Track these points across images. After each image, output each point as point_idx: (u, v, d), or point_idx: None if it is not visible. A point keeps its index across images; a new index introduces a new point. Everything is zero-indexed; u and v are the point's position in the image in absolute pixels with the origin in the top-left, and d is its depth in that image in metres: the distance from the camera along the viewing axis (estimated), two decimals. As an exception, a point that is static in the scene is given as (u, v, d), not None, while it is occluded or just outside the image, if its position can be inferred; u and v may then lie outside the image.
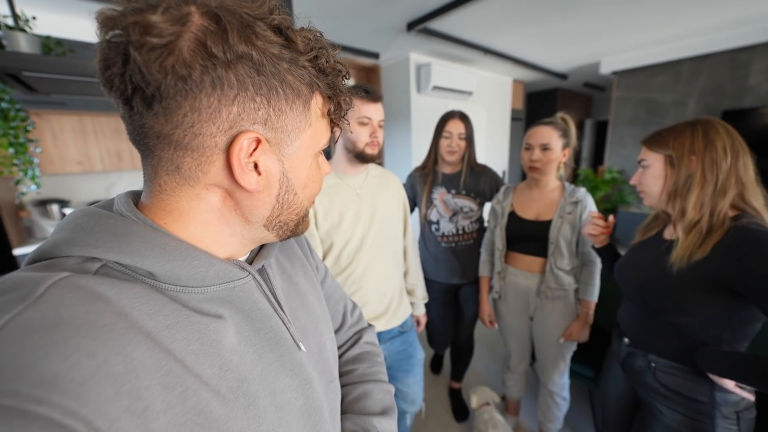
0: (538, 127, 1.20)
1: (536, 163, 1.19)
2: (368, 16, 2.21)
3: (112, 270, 0.27)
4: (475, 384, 1.82)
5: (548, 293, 1.22)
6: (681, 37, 2.84)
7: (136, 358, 0.23)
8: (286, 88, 0.30)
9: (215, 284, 0.31)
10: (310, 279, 0.47)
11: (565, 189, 1.23)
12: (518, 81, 4.42)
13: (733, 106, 2.83)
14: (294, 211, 0.35)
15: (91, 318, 0.22)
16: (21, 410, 0.17)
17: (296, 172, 0.34)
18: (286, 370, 0.34)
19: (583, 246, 1.20)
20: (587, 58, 3.40)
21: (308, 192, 0.36)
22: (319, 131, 0.35)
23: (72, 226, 0.28)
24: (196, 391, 0.25)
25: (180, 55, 0.25)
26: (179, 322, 0.27)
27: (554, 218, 1.19)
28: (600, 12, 2.26)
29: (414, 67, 3.07)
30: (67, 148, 2.24)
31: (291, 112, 0.31)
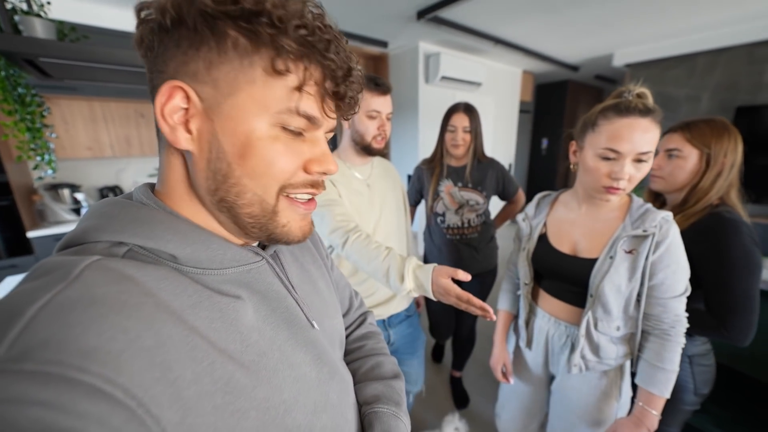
0: (629, 120, 0.68)
1: (622, 183, 0.71)
2: (377, 4, 2.18)
3: (138, 254, 0.29)
4: (476, 373, 1.86)
5: (581, 367, 0.81)
6: (698, 29, 2.77)
7: (165, 334, 0.24)
8: (219, 38, 0.28)
9: (233, 267, 0.33)
10: (319, 267, 0.50)
11: (631, 211, 0.78)
12: (528, 72, 4.35)
13: (747, 102, 2.77)
14: (232, 190, 0.31)
15: (123, 297, 0.24)
16: (66, 377, 0.19)
17: (230, 137, 0.29)
18: (300, 345, 0.36)
19: (654, 305, 0.75)
20: (600, 49, 3.33)
21: (251, 168, 0.30)
22: (268, 93, 0.29)
23: (98, 213, 0.30)
24: (222, 363, 0.27)
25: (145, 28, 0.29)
26: (202, 302, 0.29)
27: (600, 257, 0.77)
28: (615, 2, 2.21)
29: (423, 57, 3.04)
30: (78, 133, 2.26)
31: (224, 65, 0.28)
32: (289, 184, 0.32)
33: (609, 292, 0.75)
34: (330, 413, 0.37)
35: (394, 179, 1.14)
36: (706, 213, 0.85)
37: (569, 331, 0.84)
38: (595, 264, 0.78)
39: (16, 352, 0.19)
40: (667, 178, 0.91)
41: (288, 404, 0.32)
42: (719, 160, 0.85)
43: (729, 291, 0.80)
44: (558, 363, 0.89)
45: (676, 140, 0.89)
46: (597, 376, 0.83)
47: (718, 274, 0.80)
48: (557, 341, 0.87)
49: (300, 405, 0.33)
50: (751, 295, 0.79)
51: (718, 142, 0.85)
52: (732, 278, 0.79)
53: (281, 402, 0.31)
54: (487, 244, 1.53)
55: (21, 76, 1.31)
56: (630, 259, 0.74)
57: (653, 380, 0.75)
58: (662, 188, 0.95)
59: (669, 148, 0.91)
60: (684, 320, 0.76)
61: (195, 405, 0.24)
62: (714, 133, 0.86)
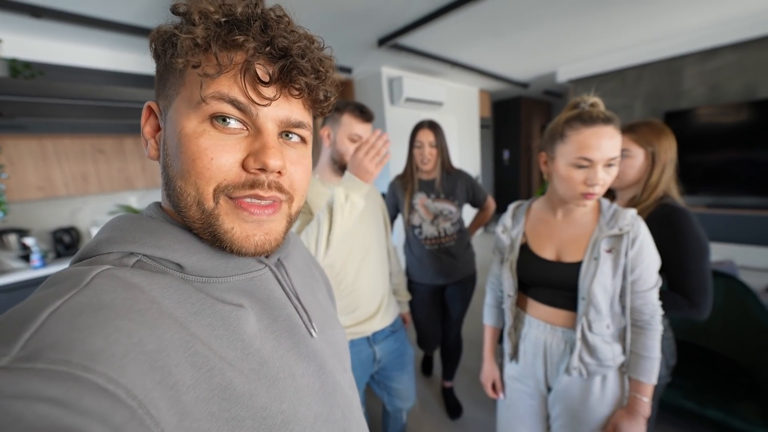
0: (595, 129, 0.72)
1: (597, 189, 0.75)
2: (340, 33, 2.29)
3: (146, 264, 0.30)
4: (466, 381, 1.87)
5: (581, 370, 0.82)
6: (624, 47, 3.16)
7: (167, 339, 0.25)
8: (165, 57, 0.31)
9: (236, 275, 0.34)
10: (317, 281, 0.50)
11: (602, 212, 0.82)
12: (484, 91, 4.68)
13: (672, 107, 3.15)
14: (175, 194, 0.31)
15: (129, 303, 0.25)
16: (72, 375, 0.20)
17: (170, 140, 0.31)
18: (302, 356, 0.36)
19: (634, 299, 0.80)
20: (545, 68, 3.68)
21: (179, 167, 0.30)
22: (190, 81, 0.30)
23: (111, 227, 0.32)
24: (221, 370, 0.28)
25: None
26: (204, 310, 0.30)
27: (584, 260, 0.80)
28: (552, 26, 2.48)
29: (386, 81, 3.19)
30: (27, 173, 2.11)
31: (170, 76, 0.32)
32: (228, 185, 0.30)
33: (599, 293, 0.77)
34: (331, 428, 0.36)
35: (373, 197, 1.15)
36: (657, 205, 0.94)
37: (566, 336, 0.84)
38: (580, 267, 0.79)
39: (27, 352, 0.20)
40: (620, 176, 1.00)
41: (286, 415, 0.31)
42: (662, 156, 0.95)
43: (689, 272, 0.87)
44: (559, 372, 0.86)
45: (624, 142, 0.98)
46: (599, 381, 0.82)
47: (678, 259, 0.88)
48: (556, 349, 0.86)
49: (299, 416, 0.32)
50: (707, 274, 0.87)
51: (659, 141, 0.96)
52: (690, 261, 0.87)
53: (279, 412, 0.31)
54: (465, 250, 1.58)
55: (-35, 116, 1.23)
56: (611, 257, 0.78)
57: (641, 369, 0.79)
58: (616, 185, 1.05)
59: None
60: (659, 309, 0.81)
61: (192, 410, 0.25)
62: (655, 132, 0.97)
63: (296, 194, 0.35)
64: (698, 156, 2.99)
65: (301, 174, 0.35)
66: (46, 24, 1.68)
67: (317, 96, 0.33)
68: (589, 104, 0.78)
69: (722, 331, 1.50)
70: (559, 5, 2.15)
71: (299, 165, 0.35)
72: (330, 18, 2.03)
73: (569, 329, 0.84)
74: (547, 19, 2.34)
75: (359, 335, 1.03)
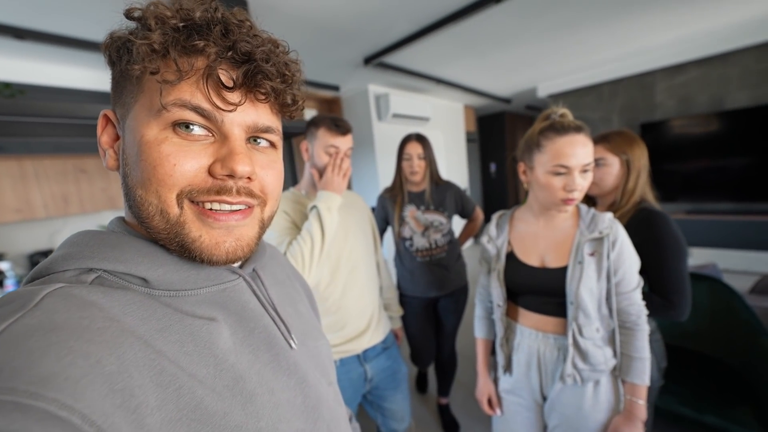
0: (568, 138, 0.76)
1: (576, 194, 0.78)
2: (327, 52, 2.35)
3: (106, 280, 0.28)
4: (462, 397, 1.83)
5: (575, 377, 0.81)
6: (598, 64, 3.33)
7: (129, 359, 0.24)
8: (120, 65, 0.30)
9: (206, 286, 0.33)
10: (298, 293, 0.49)
11: (581, 216, 0.85)
12: (469, 106, 4.82)
13: (647, 119, 3.31)
14: (136, 203, 0.30)
15: (85, 322, 0.23)
16: (18, 404, 0.18)
17: (129, 149, 0.30)
18: (282, 369, 0.35)
19: (620, 300, 0.81)
20: (525, 84, 3.83)
21: (139, 174, 0.29)
22: (154, 96, 0.28)
23: (69, 243, 0.30)
24: (191, 388, 0.26)
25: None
26: (172, 326, 0.28)
27: (569, 264, 0.81)
28: (529, 46, 2.60)
29: (373, 98, 3.26)
30: (4, 195, 2.04)
31: (127, 84, 0.30)
32: (191, 190, 0.29)
33: (586, 296, 0.79)
34: None
35: (361, 210, 1.14)
36: (636, 210, 0.98)
37: (559, 343, 0.84)
38: (566, 271, 0.81)
39: None
40: (599, 183, 1.05)
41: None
42: (636, 163, 1.00)
43: (668, 272, 0.90)
44: (554, 380, 0.85)
45: (599, 151, 1.03)
46: (591, 387, 0.82)
47: (657, 259, 0.91)
48: (550, 357, 0.85)
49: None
50: (685, 275, 0.90)
51: (631, 149, 1.01)
52: (669, 262, 0.90)
53: (256, 430, 0.29)
54: (456, 261, 1.58)
55: (-62, 137, 1.20)
56: (594, 261, 0.80)
57: (633, 371, 0.79)
58: (596, 193, 1.09)
59: (595, 158, 1.05)
60: (644, 308, 0.82)
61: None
62: (627, 141, 1.03)
63: (269, 198, 0.34)
64: (675, 165, 3.12)
65: (273, 178, 0.34)
66: (28, 45, 1.67)
67: (284, 100, 0.33)
68: (558, 114, 0.83)
69: (711, 334, 1.52)
70: (533, 28, 2.27)
71: (270, 169, 0.34)
72: (316, 37, 2.08)
73: (561, 336, 0.84)
74: (524, 40, 2.46)
75: (349, 353, 1.00)
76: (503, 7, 1.90)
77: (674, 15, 2.33)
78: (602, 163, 1.03)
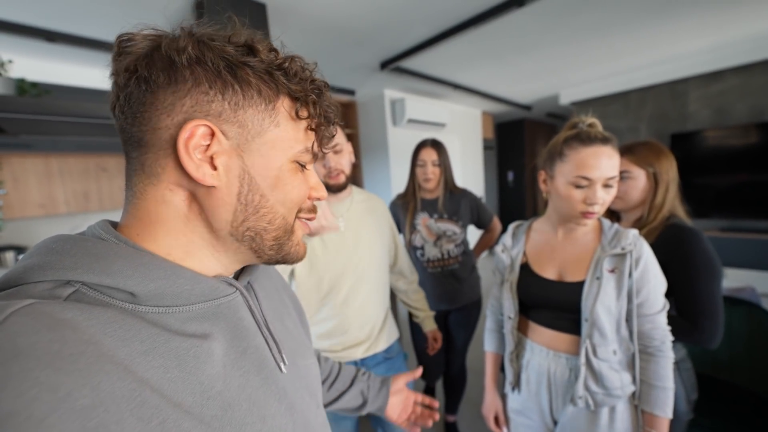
0: (593, 149, 0.72)
1: (597, 208, 0.74)
2: (344, 57, 2.34)
3: (85, 296, 0.25)
4: (470, 416, 1.74)
5: (587, 400, 0.75)
6: (626, 71, 3.18)
7: (105, 390, 0.21)
8: (243, 84, 0.30)
9: (201, 302, 0.30)
10: (286, 306, 0.46)
11: (603, 231, 0.80)
12: (487, 113, 4.73)
13: (678, 130, 3.13)
14: (265, 218, 0.33)
15: (55, 347, 0.20)
16: None
17: (262, 171, 0.32)
18: (272, 394, 0.33)
19: (643, 323, 0.74)
20: (547, 91, 3.71)
21: (282, 196, 0.34)
22: (290, 135, 0.34)
23: (46, 250, 0.26)
24: (176, 421, 0.24)
25: (140, 59, 0.29)
26: (156, 348, 0.25)
27: (587, 279, 0.76)
28: (552, 51, 2.51)
29: (389, 102, 3.23)
30: (29, 191, 2.12)
31: (251, 108, 0.31)
32: (301, 209, 0.37)
33: (602, 314, 0.74)
34: None
35: (380, 218, 1.10)
36: (665, 226, 0.92)
37: (571, 363, 0.79)
38: (583, 287, 0.76)
39: None
40: (624, 197, 0.98)
41: None
42: (664, 177, 0.94)
43: (697, 295, 0.83)
44: (565, 403, 0.80)
45: (624, 163, 0.97)
46: (606, 413, 0.76)
47: (686, 280, 0.84)
48: (561, 378, 0.80)
49: None
50: (716, 298, 0.82)
51: (658, 161, 0.95)
52: (698, 283, 0.83)
53: None
54: (470, 274, 1.52)
55: (-33, 133, 1.24)
56: (614, 278, 0.75)
57: (655, 401, 0.74)
58: (620, 207, 1.02)
59: (619, 171, 1.00)
60: (669, 334, 0.76)
61: None
62: (653, 153, 0.96)
63: None
64: (708, 178, 2.93)
65: None
66: (56, 47, 1.73)
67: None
68: (587, 124, 0.78)
69: (747, 364, 1.38)
70: (557, 32, 2.18)
71: None
72: (333, 41, 2.07)
73: (573, 356, 0.79)
74: (546, 45, 2.37)
75: (347, 359, 0.97)
76: (526, 11, 1.83)
77: (712, 18, 2.18)
78: (627, 176, 0.97)
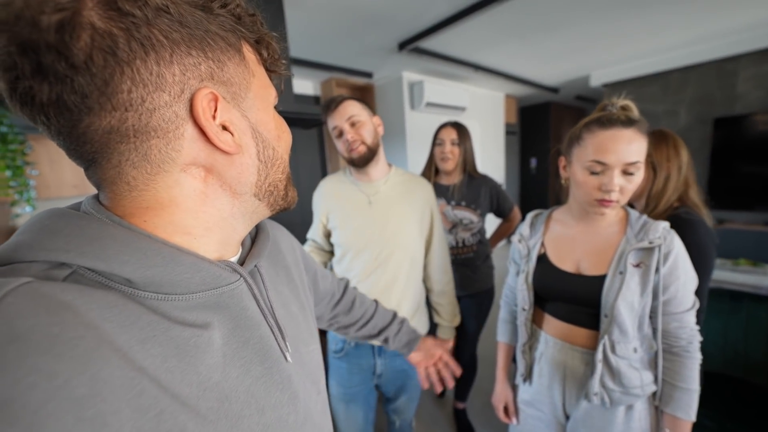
0: (612, 132, 0.68)
1: (613, 195, 0.70)
2: (360, 38, 2.28)
3: (84, 277, 0.24)
4: (480, 403, 1.74)
5: (603, 397, 0.73)
6: (665, 49, 2.92)
7: (103, 378, 0.20)
8: (215, 37, 0.27)
9: (201, 291, 0.28)
10: (294, 288, 0.45)
11: (630, 223, 0.75)
12: (511, 96, 4.52)
13: (724, 113, 2.86)
14: (279, 168, 0.34)
15: (55, 330, 0.19)
16: None
17: (264, 125, 0.32)
18: (275, 384, 0.32)
19: (669, 321, 0.71)
20: (576, 72, 3.48)
21: (284, 144, 0.35)
22: (263, 81, 0.33)
23: (38, 227, 0.25)
24: (173, 413, 0.23)
25: (94, 25, 0.21)
26: (156, 336, 0.24)
27: (609, 274, 0.73)
28: (583, 28, 2.33)
29: (407, 85, 3.14)
30: (64, 172, 2.25)
31: (230, 62, 0.28)
32: None
33: (624, 311, 0.70)
34: None
35: (417, 203, 1.02)
36: (668, 215, 0.90)
37: (587, 358, 0.76)
38: (604, 281, 0.73)
39: None
40: None
41: None
42: (663, 165, 0.93)
43: None
44: (580, 398, 0.77)
45: None
46: (623, 411, 0.73)
47: None
48: (575, 372, 0.77)
49: None
50: (701, 294, 0.79)
51: (656, 150, 0.93)
52: None
53: None
54: (484, 263, 1.48)
55: (4, 116, 1.32)
56: (639, 273, 0.71)
57: (677, 403, 0.70)
58: None
59: None
60: (698, 334, 0.71)
61: None
62: (651, 140, 0.92)
63: None
64: (755, 167, 2.68)
65: None
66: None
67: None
68: (618, 107, 0.73)
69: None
70: (588, 6, 2.00)
71: None
72: (349, 22, 2.02)
73: (590, 350, 0.76)
74: (577, 21, 2.20)
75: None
76: (555, -17, 1.70)
77: (771, -13, 1.95)
78: None
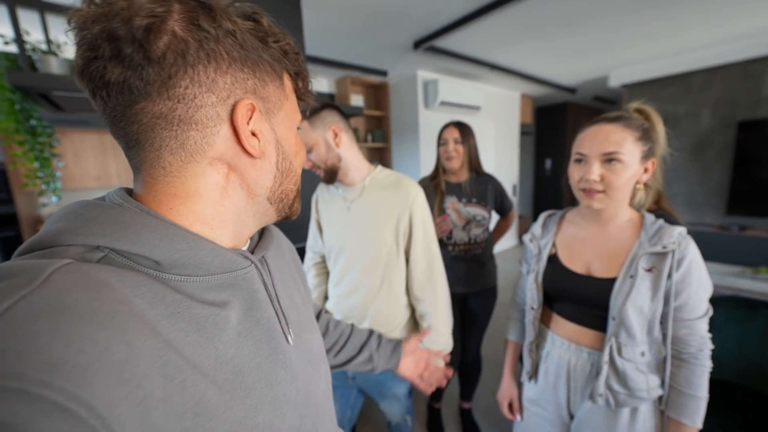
0: (595, 127, 0.74)
1: (593, 184, 0.72)
2: (376, 36, 2.29)
3: (114, 261, 0.27)
4: (486, 403, 1.74)
5: (608, 398, 0.73)
6: (689, 49, 2.84)
7: (137, 347, 0.23)
8: (264, 63, 0.33)
9: (219, 273, 0.32)
10: (295, 282, 0.48)
11: (645, 227, 0.75)
12: (527, 96, 4.46)
13: (748, 116, 2.76)
14: (292, 180, 0.39)
15: (95, 305, 0.22)
16: (25, 392, 0.17)
17: (286, 141, 0.37)
18: (280, 362, 0.34)
19: (679, 327, 0.71)
20: (595, 71, 3.41)
21: (299, 161, 0.40)
22: (294, 106, 0.38)
23: (74, 215, 0.28)
24: (194, 381, 0.25)
25: (174, 32, 0.27)
26: (180, 312, 0.27)
27: (619, 277, 0.72)
28: (603, 26, 2.28)
29: (421, 84, 3.14)
30: (87, 164, 2.34)
31: (272, 84, 0.34)
32: None
33: (632, 314, 0.70)
34: None
35: (391, 206, 0.90)
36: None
37: (593, 358, 0.77)
38: (614, 284, 0.73)
39: None
40: None
41: (262, 428, 0.30)
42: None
43: None
44: (584, 398, 0.78)
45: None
46: (627, 413, 0.74)
47: None
48: (581, 372, 0.78)
49: (275, 430, 0.31)
50: None
51: None
52: None
53: (254, 426, 0.29)
54: (490, 260, 1.50)
55: (34, 110, 1.38)
56: (651, 277, 0.70)
57: (684, 409, 0.70)
58: None
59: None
60: (709, 342, 0.71)
61: (162, 427, 0.22)
62: None
63: None
64: (780, 173, 2.58)
65: None
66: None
67: None
68: (632, 110, 0.77)
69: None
70: (609, 2, 1.96)
71: None
72: (365, 20, 2.03)
73: (596, 351, 0.77)
74: (596, 19, 2.16)
75: None
76: (575, -19, 1.67)
77: (804, -14, 1.87)
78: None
